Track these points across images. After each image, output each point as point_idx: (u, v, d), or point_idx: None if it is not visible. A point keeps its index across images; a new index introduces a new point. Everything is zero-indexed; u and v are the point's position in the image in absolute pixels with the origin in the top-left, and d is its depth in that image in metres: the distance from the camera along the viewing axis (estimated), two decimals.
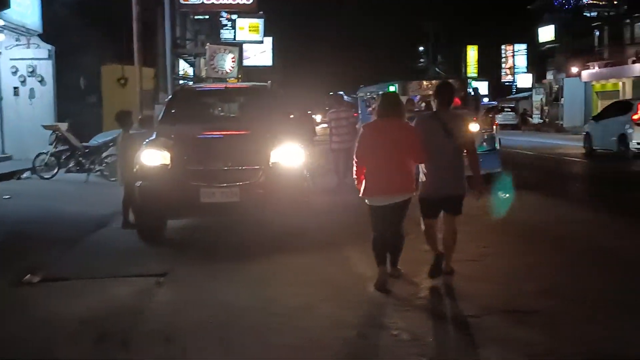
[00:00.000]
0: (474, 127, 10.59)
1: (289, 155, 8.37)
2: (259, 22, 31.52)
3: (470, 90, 15.78)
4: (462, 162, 6.48)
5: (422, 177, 6.50)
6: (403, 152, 6.21)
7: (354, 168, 6.45)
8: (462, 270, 6.72)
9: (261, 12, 30.94)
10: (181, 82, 23.11)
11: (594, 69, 40.46)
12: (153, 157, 8.28)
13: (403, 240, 6.57)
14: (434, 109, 6.86)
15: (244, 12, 28.77)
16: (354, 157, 6.42)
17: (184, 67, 28.11)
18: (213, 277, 6.83)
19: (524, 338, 5.05)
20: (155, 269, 7.18)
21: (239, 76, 28.81)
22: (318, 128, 21.07)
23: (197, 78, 28.55)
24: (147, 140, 8.66)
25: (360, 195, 6.40)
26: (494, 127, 14.01)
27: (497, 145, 13.69)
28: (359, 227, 7.98)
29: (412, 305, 5.91)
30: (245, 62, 36.89)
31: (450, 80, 8.87)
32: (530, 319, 5.43)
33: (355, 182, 6.47)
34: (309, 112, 25.13)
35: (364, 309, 5.82)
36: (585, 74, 41.19)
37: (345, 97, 17.79)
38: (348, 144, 12.89)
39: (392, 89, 11.30)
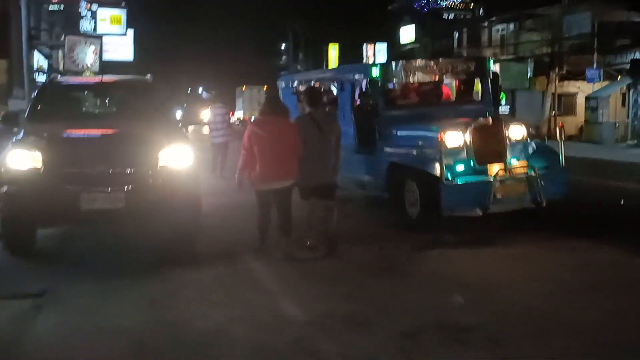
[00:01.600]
0: (518, 132, 8.72)
1: (179, 157, 7.54)
2: (121, 14, 29.86)
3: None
4: (333, 155, 7.57)
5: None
6: (286, 145, 7.20)
7: (241, 159, 7.41)
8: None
9: (123, 3, 29.37)
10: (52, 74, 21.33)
11: None
12: (21, 158, 7.20)
13: (291, 219, 7.44)
14: (307, 110, 7.71)
15: (105, 2, 27.17)
16: (242, 149, 7.36)
17: (38, 60, 26.10)
18: (104, 297, 5.96)
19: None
20: (31, 288, 6.19)
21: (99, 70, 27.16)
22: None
23: (54, 72, 26.60)
24: (13, 139, 7.59)
25: (251, 182, 7.34)
26: (559, 129, 10.02)
27: (561, 159, 8.89)
28: (253, 233, 7.67)
29: (335, 322, 5.31)
30: (104, 56, 34.97)
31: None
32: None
33: (238, 172, 7.46)
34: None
35: (284, 331, 5.16)
36: None
37: (204, 93, 18.73)
38: (225, 138, 14.53)
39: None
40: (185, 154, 7.64)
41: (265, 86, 51.73)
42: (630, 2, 31.69)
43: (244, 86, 72.61)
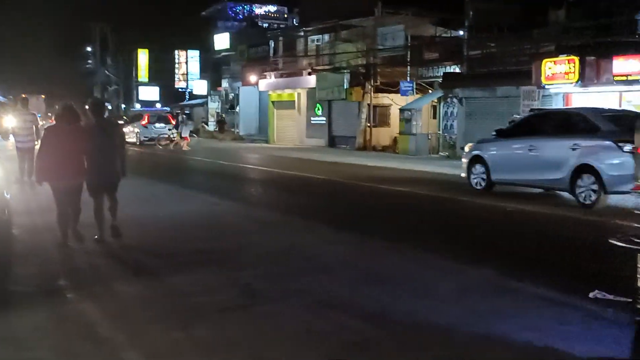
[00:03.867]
0: None
1: None
2: None
3: None
4: (117, 157, 8.59)
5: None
6: (76, 148, 8.15)
7: (39, 160, 8.32)
8: None
9: None
10: None
11: (270, 79, 41.31)
12: None
13: (80, 212, 8.42)
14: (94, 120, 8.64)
15: None
16: (39, 152, 8.34)
17: None
18: None
19: None
20: None
21: None
22: None
23: None
24: None
25: (45, 180, 8.17)
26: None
27: None
28: (79, 261, 7.46)
29: None
30: None
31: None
32: None
33: (36, 171, 8.59)
34: None
35: None
36: (261, 83, 41.88)
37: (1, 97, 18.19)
38: (31, 144, 14.64)
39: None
40: None
41: (44, 95, 48.77)
42: (437, 18, 32.82)
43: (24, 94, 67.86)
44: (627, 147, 11.30)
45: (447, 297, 6.18)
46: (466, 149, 16.14)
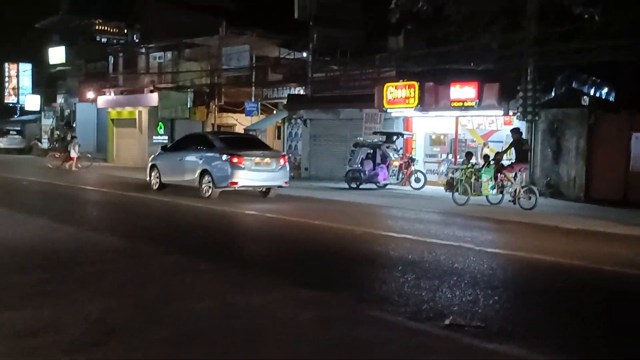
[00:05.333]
0: None
1: None
2: None
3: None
4: None
5: None
6: None
7: None
8: None
9: None
10: None
11: (110, 96, 39.73)
12: None
13: None
14: None
15: None
16: None
17: None
18: None
19: None
20: None
21: None
22: None
23: None
24: None
25: None
26: None
27: None
28: None
29: None
30: None
31: None
32: None
33: None
34: None
35: None
36: (100, 100, 40.17)
37: None
38: None
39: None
40: None
41: None
42: (282, 40, 33.07)
43: None
44: (225, 157, 17.02)
45: None
46: (149, 160, 20.77)
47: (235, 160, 16.87)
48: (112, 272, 7.86)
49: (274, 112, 31.32)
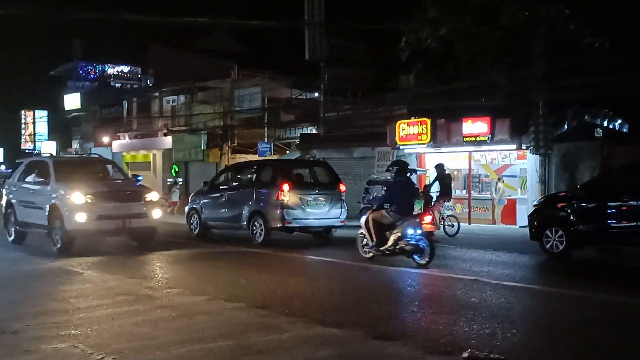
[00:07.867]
0: None
1: None
2: None
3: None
4: None
5: None
6: None
7: None
8: None
9: None
10: None
11: (125, 140, 40.15)
12: None
13: None
14: None
15: None
16: None
17: None
18: None
19: None
20: None
21: None
22: None
23: None
24: None
25: None
26: None
27: None
28: None
29: None
30: None
31: None
32: None
33: None
34: None
35: None
36: (115, 144, 40.60)
37: None
38: None
39: None
40: None
41: None
42: (293, 80, 33.42)
43: None
44: None
45: None
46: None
47: None
48: None
49: (287, 152, 31.47)
